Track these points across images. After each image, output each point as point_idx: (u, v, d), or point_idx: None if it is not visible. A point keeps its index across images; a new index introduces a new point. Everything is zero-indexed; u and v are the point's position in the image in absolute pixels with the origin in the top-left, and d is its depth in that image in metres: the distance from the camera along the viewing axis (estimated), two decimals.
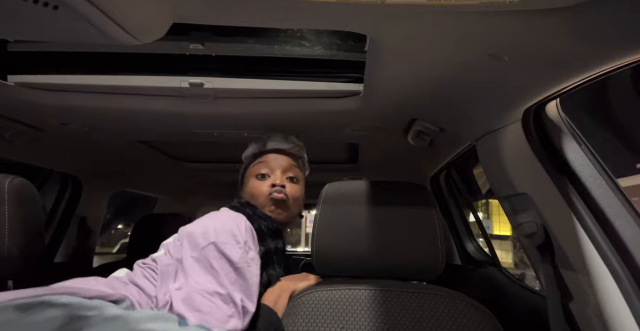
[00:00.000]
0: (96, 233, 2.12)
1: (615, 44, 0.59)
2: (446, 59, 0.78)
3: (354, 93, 1.10)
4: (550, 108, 0.87)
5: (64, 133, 1.40)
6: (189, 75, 1.06)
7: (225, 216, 0.96)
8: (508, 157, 0.94)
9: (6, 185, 0.92)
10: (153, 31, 0.62)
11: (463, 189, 1.91)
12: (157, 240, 1.00)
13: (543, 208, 0.87)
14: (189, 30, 0.96)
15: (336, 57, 1.02)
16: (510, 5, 0.53)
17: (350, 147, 1.83)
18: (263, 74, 1.07)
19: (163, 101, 1.13)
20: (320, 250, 0.98)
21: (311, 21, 0.67)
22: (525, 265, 4.64)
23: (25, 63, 1.05)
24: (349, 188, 1.04)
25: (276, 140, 1.26)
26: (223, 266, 0.81)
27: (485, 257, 1.80)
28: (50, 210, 1.91)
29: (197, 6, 0.59)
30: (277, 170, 1.18)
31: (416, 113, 1.21)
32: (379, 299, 0.93)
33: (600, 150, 0.84)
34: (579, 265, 0.80)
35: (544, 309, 0.83)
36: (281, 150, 1.25)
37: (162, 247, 0.96)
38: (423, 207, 0.99)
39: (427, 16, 0.61)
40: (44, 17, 0.53)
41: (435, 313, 0.90)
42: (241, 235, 0.88)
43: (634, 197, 0.89)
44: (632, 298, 0.71)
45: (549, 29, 0.60)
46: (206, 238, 0.85)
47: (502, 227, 6.82)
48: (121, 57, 1.05)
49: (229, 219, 0.93)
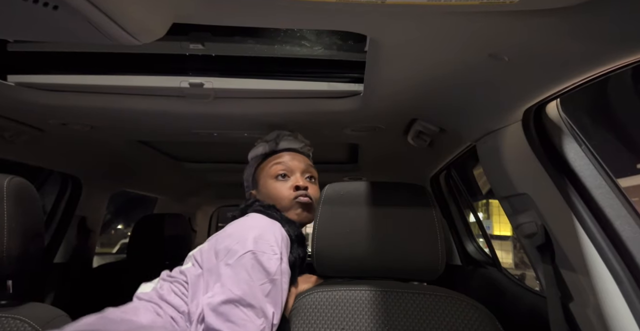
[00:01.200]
0: (96, 233, 2.12)
1: (615, 44, 0.59)
2: (446, 59, 0.78)
3: (354, 93, 1.10)
4: (550, 109, 0.87)
5: (64, 133, 1.40)
6: (189, 75, 1.06)
7: (262, 223, 0.93)
8: (508, 157, 0.94)
9: (5, 185, 0.92)
10: (153, 31, 0.62)
11: (463, 189, 1.91)
12: (157, 240, 1.00)
13: (543, 209, 0.87)
14: (189, 30, 0.96)
15: (336, 57, 1.02)
16: (510, 5, 0.53)
17: (350, 147, 1.83)
18: (263, 74, 1.07)
19: (163, 101, 1.13)
20: (320, 251, 0.98)
21: (311, 21, 0.67)
22: (526, 266, 4.64)
23: (25, 63, 1.05)
24: (349, 189, 1.04)
25: (288, 140, 1.22)
26: (259, 276, 0.80)
27: (485, 258, 1.80)
28: (50, 210, 1.91)
29: (197, 6, 0.59)
30: (296, 171, 1.15)
31: (416, 113, 1.21)
32: (379, 300, 0.93)
33: (600, 150, 0.84)
34: (579, 265, 0.80)
35: (544, 309, 0.83)
36: (295, 149, 1.22)
37: (188, 258, 0.94)
38: (423, 207, 0.99)
39: (427, 16, 0.61)
40: (44, 17, 0.53)
41: (435, 314, 0.90)
42: (277, 245, 0.86)
43: (634, 197, 0.89)
44: (632, 299, 0.71)
45: (549, 29, 0.59)
46: (244, 246, 0.82)
47: (502, 227, 6.82)
48: (121, 57, 1.05)
49: (266, 227, 0.91)
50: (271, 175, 1.14)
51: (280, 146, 1.21)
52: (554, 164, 0.86)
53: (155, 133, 1.50)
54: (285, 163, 1.15)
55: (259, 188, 1.17)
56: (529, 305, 1.22)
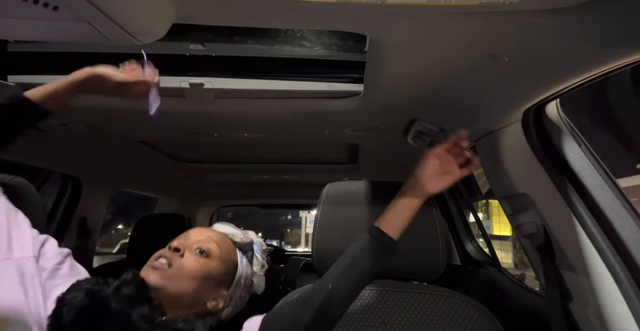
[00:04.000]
0: (96, 233, 2.11)
1: (615, 44, 0.59)
2: (446, 59, 0.78)
3: (354, 93, 1.10)
4: (550, 109, 0.88)
5: (64, 133, 1.40)
6: (189, 75, 1.05)
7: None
8: (508, 157, 0.94)
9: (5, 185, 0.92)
10: (153, 31, 0.62)
11: (463, 189, 1.91)
12: (157, 240, 0.99)
13: (543, 209, 0.87)
14: (189, 31, 0.96)
15: (336, 58, 1.02)
16: (510, 6, 0.53)
17: (350, 147, 1.83)
18: (263, 74, 1.07)
19: (163, 101, 1.12)
20: (320, 250, 0.98)
21: (311, 21, 0.67)
22: (526, 266, 4.64)
23: (25, 63, 1.05)
24: (350, 189, 1.04)
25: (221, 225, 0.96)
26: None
27: (485, 257, 1.80)
28: (51, 210, 1.91)
29: (197, 6, 0.59)
30: (190, 239, 0.88)
31: (416, 113, 1.21)
32: (379, 299, 0.93)
33: (600, 150, 0.84)
34: (579, 265, 0.80)
35: (543, 310, 0.83)
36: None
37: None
38: (423, 207, 0.99)
39: (427, 16, 0.61)
40: (44, 17, 0.53)
41: (435, 313, 0.90)
42: None
43: (634, 197, 0.89)
44: (632, 299, 0.71)
45: (549, 29, 0.59)
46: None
47: (502, 227, 6.82)
48: (121, 57, 1.05)
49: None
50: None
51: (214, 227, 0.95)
52: (553, 164, 0.86)
53: (155, 133, 1.50)
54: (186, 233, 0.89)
55: None
56: (529, 305, 1.22)
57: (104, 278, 0.76)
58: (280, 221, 14.39)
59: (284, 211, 10.73)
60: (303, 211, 9.40)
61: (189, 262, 0.80)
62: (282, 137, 1.55)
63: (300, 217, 12.02)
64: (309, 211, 3.78)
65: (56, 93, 0.82)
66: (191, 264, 0.79)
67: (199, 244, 0.83)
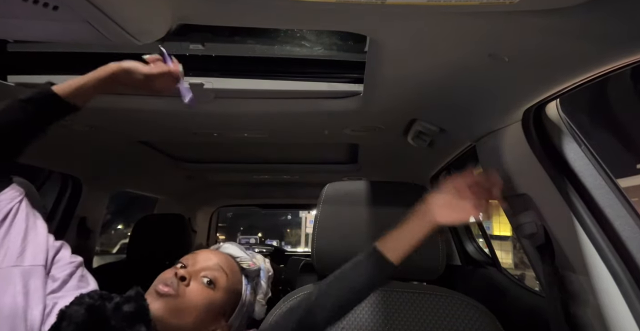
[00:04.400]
0: (96, 233, 2.11)
1: (615, 44, 0.59)
2: (446, 59, 0.78)
3: (354, 93, 1.10)
4: (550, 109, 0.87)
5: (64, 133, 1.40)
6: (189, 75, 1.05)
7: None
8: (508, 157, 0.94)
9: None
10: (153, 32, 0.62)
11: None
12: (157, 240, 0.99)
13: (543, 209, 0.87)
14: (189, 31, 0.96)
15: (336, 58, 1.02)
16: (510, 6, 0.53)
17: (350, 147, 1.83)
18: (263, 74, 1.07)
19: (163, 101, 1.13)
20: (320, 250, 0.98)
21: (311, 21, 0.67)
22: (525, 266, 4.64)
23: (25, 63, 1.05)
24: (349, 189, 1.04)
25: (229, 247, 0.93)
26: None
27: (485, 258, 1.80)
28: (51, 210, 1.91)
29: (197, 6, 0.59)
30: (198, 265, 0.85)
31: (416, 113, 1.21)
32: (379, 299, 0.93)
33: (600, 150, 0.84)
34: (579, 265, 0.80)
35: (543, 310, 0.83)
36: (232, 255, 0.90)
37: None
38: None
39: (427, 16, 0.61)
40: (44, 17, 0.53)
41: (435, 313, 0.90)
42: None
43: (634, 197, 0.89)
44: (632, 299, 0.71)
45: (549, 29, 0.59)
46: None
47: (502, 228, 6.82)
48: (121, 57, 1.05)
49: None
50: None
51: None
52: (553, 164, 0.86)
53: (155, 133, 1.50)
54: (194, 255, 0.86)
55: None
56: (529, 305, 1.22)
57: (109, 293, 0.75)
58: (280, 221, 14.40)
59: (284, 211, 10.75)
60: (303, 211, 9.41)
61: (194, 294, 0.77)
62: (282, 137, 1.55)
63: (300, 217, 12.04)
64: (309, 211, 3.78)
65: (83, 89, 0.81)
66: (196, 297, 0.77)
67: (206, 272, 0.80)
